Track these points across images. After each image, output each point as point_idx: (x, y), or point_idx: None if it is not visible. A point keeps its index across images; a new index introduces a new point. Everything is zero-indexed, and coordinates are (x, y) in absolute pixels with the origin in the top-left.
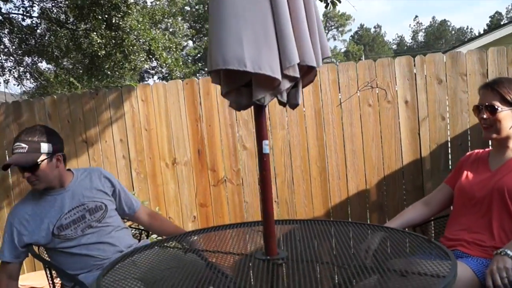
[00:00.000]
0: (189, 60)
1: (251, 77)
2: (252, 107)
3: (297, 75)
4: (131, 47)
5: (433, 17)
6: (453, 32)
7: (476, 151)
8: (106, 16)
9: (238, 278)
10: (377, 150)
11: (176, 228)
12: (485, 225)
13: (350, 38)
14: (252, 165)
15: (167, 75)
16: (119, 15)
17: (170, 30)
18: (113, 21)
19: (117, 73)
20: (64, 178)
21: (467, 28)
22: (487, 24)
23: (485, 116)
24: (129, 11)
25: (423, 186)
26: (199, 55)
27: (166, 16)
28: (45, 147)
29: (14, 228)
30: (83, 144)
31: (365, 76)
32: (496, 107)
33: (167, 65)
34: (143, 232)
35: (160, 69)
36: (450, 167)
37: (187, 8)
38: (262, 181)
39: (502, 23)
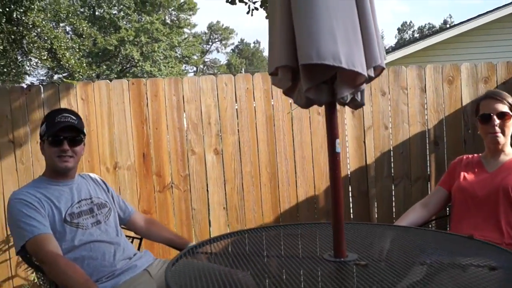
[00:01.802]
0: (92, 61)
1: (335, 74)
2: (324, 106)
3: (373, 74)
4: (31, 44)
5: None
6: None
7: (465, 156)
8: (7, 9)
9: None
10: (325, 157)
11: (175, 234)
12: (493, 223)
13: (231, 51)
14: (201, 171)
15: (68, 76)
16: (21, 10)
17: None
18: (14, 16)
19: (13, 71)
20: (76, 169)
21: None
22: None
23: (497, 122)
24: (32, 6)
25: (368, 192)
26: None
27: (70, 15)
28: (85, 130)
29: (28, 203)
30: (9, 144)
31: None
32: (508, 114)
33: (70, 66)
34: (134, 240)
35: (60, 70)
36: (392, 173)
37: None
38: (334, 181)
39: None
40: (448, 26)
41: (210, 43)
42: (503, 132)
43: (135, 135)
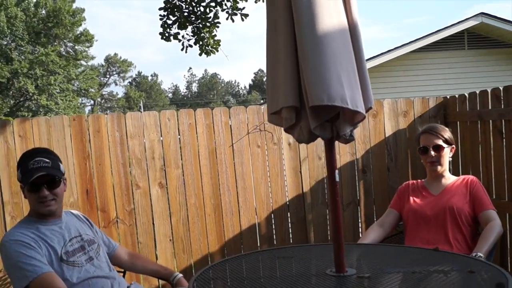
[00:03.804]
0: None
1: (337, 113)
2: (324, 142)
3: (365, 114)
4: None
5: (205, 70)
6: (222, 84)
7: (410, 182)
8: None
9: None
10: (265, 187)
11: (160, 265)
12: (442, 238)
13: (128, 84)
14: (146, 205)
15: None
16: None
17: None
18: None
19: None
20: (61, 207)
21: (235, 82)
22: (251, 79)
23: (433, 154)
24: None
25: (305, 217)
26: None
27: None
28: (62, 167)
29: (24, 243)
30: None
31: (254, 119)
32: (441, 146)
33: None
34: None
35: None
36: (326, 200)
37: None
38: (333, 205)
39: (264, 79)
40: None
41: (108, 76)
42: (439, 161)
43: (77, 172)
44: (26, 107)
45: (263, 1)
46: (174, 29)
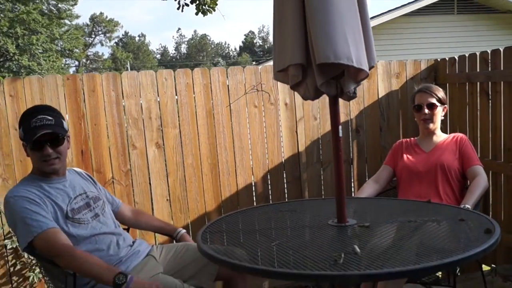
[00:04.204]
0: None
1: (343, 71)
2: (328, 98)
3: (368, 72)
4: None
5: (195, 31)
6: (212, 46)
7: (404, 140)
8: None
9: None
10: (262, 147)
11: (164, 222)
12: (433, 191)
13: (115, 44)
14: (143, 165)
15: None
16: None
17: None
18: None
19: None
20: (65, 165)
21: (225, 43)
22: (242, 41)
23: (427, 112)
24: None
25: (300, 177)
26: None
27: None
28: (65, 124)
29: (29, 199)
30: None
31: (251, 80)
32: (435, 104)
33: None
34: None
35: None
36: (321, 159)
37: None
38: (336, 160)
39: (254, 41)
40: None
41: (93, 36)
42: (432, 119)
43: (72, 132)
44: (6, 67)
45: None
46: None
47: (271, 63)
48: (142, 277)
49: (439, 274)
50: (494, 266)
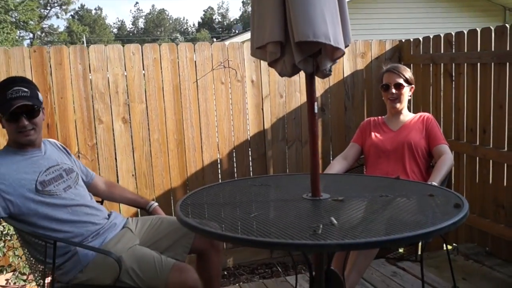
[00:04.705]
0: None
1: (320, 49)
2: (305, 75)
3: (344, 51)
4: None
5: (153, 5)
6: (170, 21)
7: (372, 118)
8: None
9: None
10: (228, 123)
11: (137, 194)
12: (400, 169)
13: (70, 17)
14: (109, 140)
15: None
16: None
17: None
18: None
19: None
20: (41, 137)
21: (183, 19)
22: (201, 17)
23: (394, 91)
24: None
25: (265, 154)
26: None
27: None
28: (40, 96)
29: None
30: None
31: (218, 56)
32: (402, 85)
33: None
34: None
35: None
36: (286, 137)
37: None
38: (311, 136)
39: (213, 17)
40: None
41: (49, 8)
42: (399, 99)
43: None
44: None
45: None
46: None
47: (234, 39)
48: (119, 248)
49: (402, 250)
50: (455, 245)
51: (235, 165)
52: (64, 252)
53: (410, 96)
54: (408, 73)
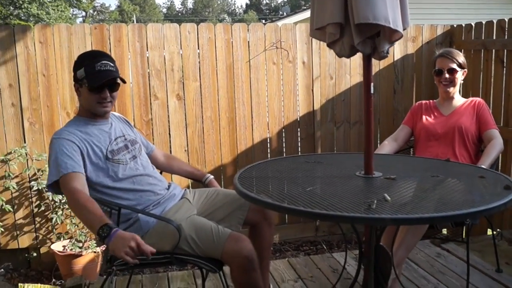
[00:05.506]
0: None
1: (378, 31)
2: (362, 56)
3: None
4: None
5: None
6: (219, 2)
7: (423, 102)
8: None
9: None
10: (278, 103)
11: (194, 167)
12: (450, 153)
13: None
14: (163, 115)
15: None
16: None
17: None
18: None
19: None
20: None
21: (231, 0)
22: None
23: (447, 76)
24: None
25: (314, 134)
26: None
27: None
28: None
29: (69, 141)
30: None
31: (271, 37)
32: (455, 69)
33: None
34: None
35: None
36: (335, 118)
37: None
38: (367, 115)
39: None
40: None
41: None
42: (452, 83)
43: None
44: (15, 15)
45: None
46: None
47: (282, 21)
48: (178, 217)
49: (447, 232)
50: (499, 230)
51: (284, 144)
52: (127, 219)
53: (462, 80)
54: (461, 57)
